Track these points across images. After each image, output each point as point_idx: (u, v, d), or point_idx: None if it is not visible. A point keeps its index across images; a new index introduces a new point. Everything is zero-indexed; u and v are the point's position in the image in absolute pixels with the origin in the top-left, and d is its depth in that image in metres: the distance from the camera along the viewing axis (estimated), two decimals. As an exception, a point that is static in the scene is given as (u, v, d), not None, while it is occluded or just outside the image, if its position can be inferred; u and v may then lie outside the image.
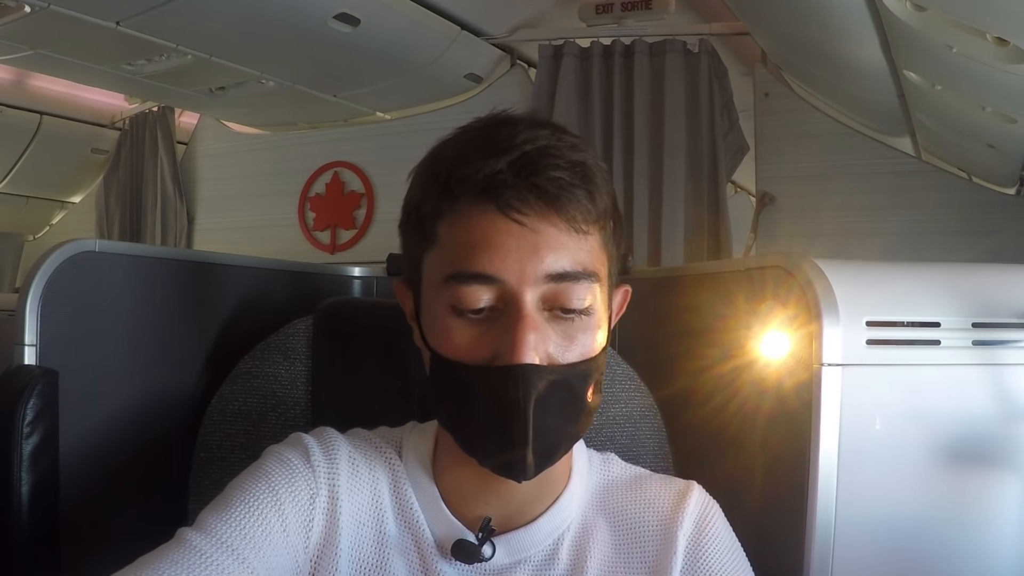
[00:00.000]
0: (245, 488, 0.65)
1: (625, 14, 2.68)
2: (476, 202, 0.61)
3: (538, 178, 0.60)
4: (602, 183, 0.64)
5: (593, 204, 0.62)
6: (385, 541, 0.69)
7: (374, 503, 0.70)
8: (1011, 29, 1.31)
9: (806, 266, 0.85)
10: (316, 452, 0.69)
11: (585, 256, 0.62)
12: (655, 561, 0.70)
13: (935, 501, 0.87)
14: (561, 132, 0.64)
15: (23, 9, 2.17)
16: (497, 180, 0.60)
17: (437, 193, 0.63)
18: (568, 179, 0.60)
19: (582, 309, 0.62)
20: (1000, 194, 2.49)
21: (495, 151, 0.60)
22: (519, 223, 0.60)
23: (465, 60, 2.90)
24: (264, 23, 2.40)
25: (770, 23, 2.30)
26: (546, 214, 0.60)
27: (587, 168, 0.62)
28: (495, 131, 0.63)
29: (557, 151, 0.61)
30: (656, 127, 2.64)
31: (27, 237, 4.08)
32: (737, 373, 0.94)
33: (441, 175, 0.63)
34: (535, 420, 0.60)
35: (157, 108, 3.57)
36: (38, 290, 0.89)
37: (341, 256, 3.24)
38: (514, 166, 0.60)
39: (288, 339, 0.98)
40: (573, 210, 0.61)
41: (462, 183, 0.61)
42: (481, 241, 0.60)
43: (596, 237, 0.64)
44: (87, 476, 0.94)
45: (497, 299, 0.61)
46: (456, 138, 0.66)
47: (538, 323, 0.61)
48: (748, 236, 2.66)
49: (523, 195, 0.59)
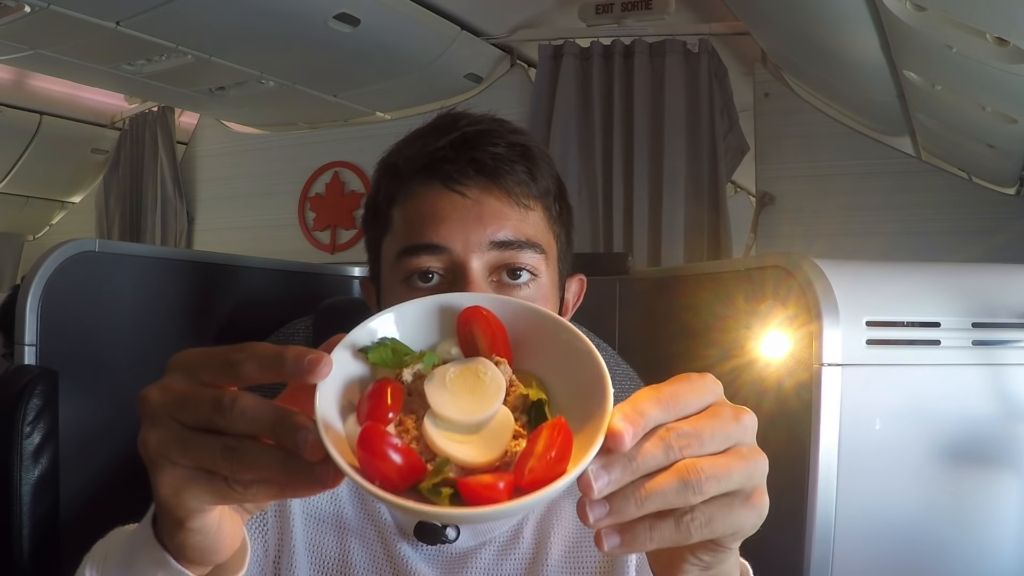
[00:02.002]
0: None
1: (625, 14, 2.68)
2: (421, 180, 0.65)
3: (476, 152, 0.64)
4: (543, 164, 0.67)
5: (533, 180, 0.65)
6: (344, 530, 0.69)
7: (333, 498, 0.70)
8: (1011, 29, 1.31)
9: (806, 266, 0.85)
10: None
11: (529, 229, 0.65)
12: None
13: (935, 500, 0.87)
14: (504, 122, 0.68)
15: (23, 9, 2.17)
16: (439, 155, 0.64)
17: (388, 180, 0.69)
18: (506, 154, 0.64)
19: (530, 271, 0.64)
20: (1000, 194, 2.48)
21: (438, 134, 0.66)
22: (461, 194, 0.64)
23: (465, 60, 2.90)
24: (264, 23, 2.40)
25: (770, 23, 2.30)
26: (487, 187, 0.64)
27: (527, 148, 0.67)
28: (440, 121, 0.68)
29: (497, 133, 0.66)
30: (656, 127, 2.64)
31: (27, 237, 4.09)
32: (737, 373, 0.94)
33: (390, 161, 0.69)
34: None
35: (157, 108, 3.57)
36: (38, 290, 0.89)
37: (341, 256, 3.24)
38: (455, 144, 0.64)
39: (288, 339, 0.98)
40: (512, 183, 0.64)
41: (408, 163, 0.66)
42: (427, 214, 0.64)
43: (539, 214, 0.67)
44: (87, 475, 0.94)
45: (446, 269, 0.64)
46: (408, 135, 0.71)
47: (485, 290, 0.63)
48: (748, 236, 2.66)
49: (463, 168, 0.64)
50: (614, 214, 2.67)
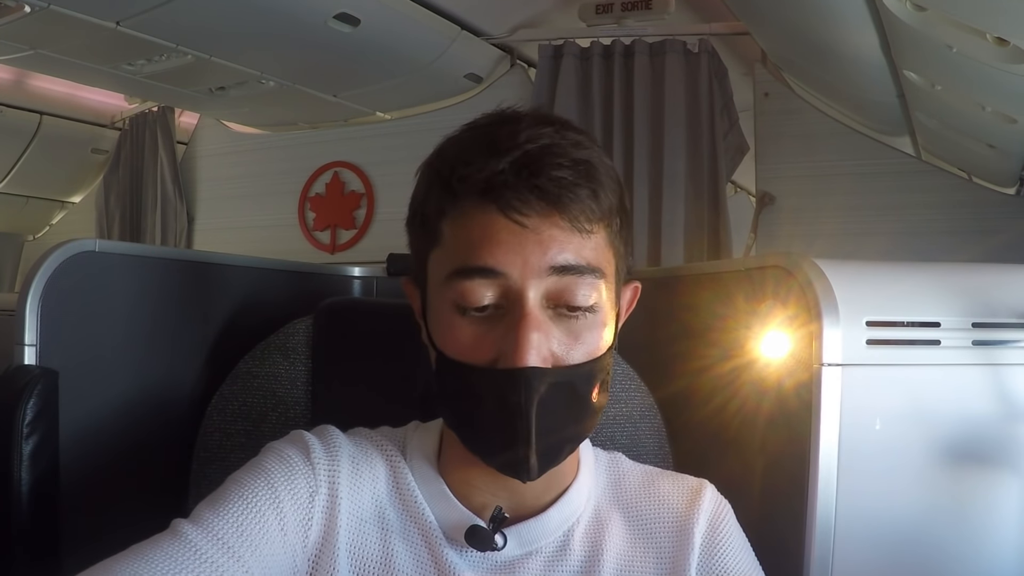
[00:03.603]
0: (244, 484, 0.64)
1: (625, 14, 2.68)
2: (478, 203, 0.61)
3: (539, 179, 0.59)
4: (607, 180, 0.63)
5: (597, 203, 0.61)
6: (388, 535, 0.68)
7: (375, 501, 0.69)
8: (1011, 29, 1.31)
9: (806, 266, 0.85)
10: (317, 449, 0.68)
11: (590, 253, 0.62)
12: (672, 558, 0.70)
13: (935, 501, 0.87)
14: (566, 129, 0.63)
15: (23, 9, 2.17)
16: (498, 181, 0.59)
17: (440, 192, 0.63)
18: (571, 178, 0.60)
19: (587, 306, 0.61)
20: (1000, 194, 2.48)
21: (497, 150, 0.60)
22: (520, 224, 0.59)
23: (465, 60, 2.90)
24: (264, 23, 2.40)
25: (770, 23, 2.30)
26: (548, 214, 0.60)
27: (591, 166, 0.61)
28: (498, 129, 0.62)
29: (560, 149, 0.60)
30: (656, 127, 2.64)
31: (27, 237, 4.08)
32: (737, 373, 0.94)
33: (444, 174, 0.63)
34: (538, 423, 0.60)
35: (157, 108, 3.56)
36: (38, 290, 0.89)
37: (341, 256, 3.24)
38: (515, 165, 0.59)
39: (288, 339, 0.98)
40: (576, 210, 0.60)
41: (463, 183, 0.61)
42: (483, 237, 0.60)
43: (602, 235, 0.63)
44: (87, 476, 0.94)
45: (500, 296, 0.61)
46: (460, 136, 0.65)
47: (541, 322, 0.60)
48: (748, 236, 2.66)
49: (524, 196, 0.59)
50: (614, 214, 2.66)
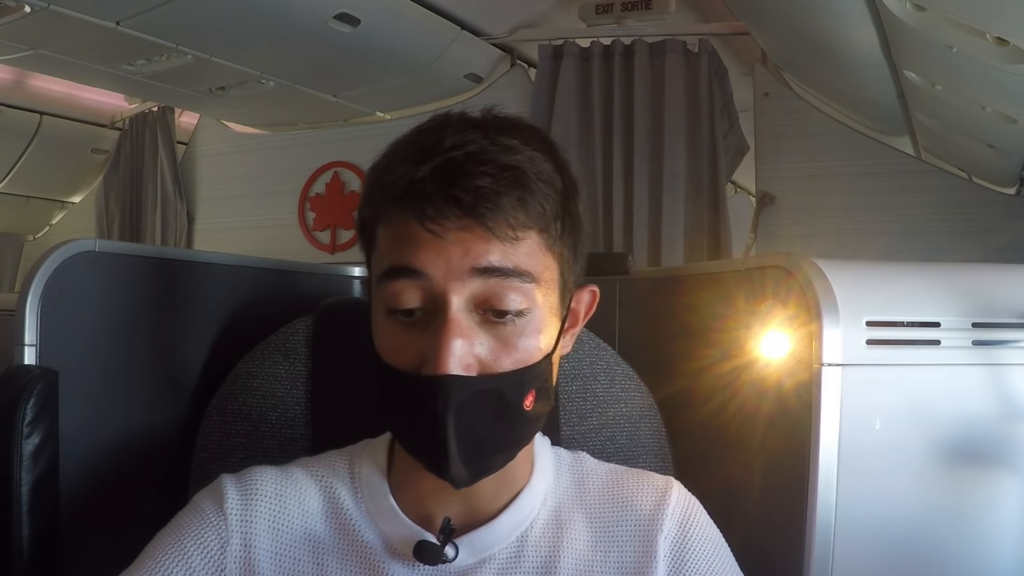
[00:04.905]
0: (156, 543, 0.67)
1: (625, 14, 2.68)
2: (399, 211, 0.60)
3: (455, 188, 0.57)
4: (539, 186, 0.60)
5: (524, 210, 0.59)
6: (323, 561, 0.67)
7: (306, 531, 0.68)
8: (1011, 29, 1.31)
9: (806, 266, 0.85)
10: (232, 497, 0.68)
11: (520, 257, 0.59)
12: (634, 564, 0.68)
13: (935, 501, 0.87)
14: (501, 133, 0.61)
15: (23, 9, 2.17)
16: (415, 190, 0.58)
17: (371, 198, 0.64)
18: (490, 186, 0.57)
19: (516, 311, 0.59)
20: (1000, 194, 2.48)
21: (420, 158, 0.59)
22: (436, 234, 0.57)
23: (465, 60, 2.90)
24: (264, 23, 2.40)
25: (770, 23, 2.30)
26: (467, 224, 0.58)
27: (520, 172, 0.59)
28: (427, 135, 0.61)
29: (487, 155, 0.58)
30: (656, 127, 2.64)
31: (27, 237, 4.08)
32: (737, 373, 0.94)
33: (375, 181, 0.63)
34: (456, 432, 0.58)
35: (157, 108, 3.56)
36: (38, 290, 0.89)
37: (341, 256, 3.24)
38: (435, 173, 0.58)
39: (288, 339, 0.98)
40: (497, 218, 0.58)
41: (385, 192, 0.61)
42: (406, 239, 0.59)
43: (533, 240, 0.60)
44: (87, 476, 0.94)
45: (426, 299, 0.59)
46: (399, 140, 0.65)
47: (465, 327, 0.58)
48: (748, 236, 2.66)
49: (439, 205, 0.57)
50: (614, 214, 2.67)
